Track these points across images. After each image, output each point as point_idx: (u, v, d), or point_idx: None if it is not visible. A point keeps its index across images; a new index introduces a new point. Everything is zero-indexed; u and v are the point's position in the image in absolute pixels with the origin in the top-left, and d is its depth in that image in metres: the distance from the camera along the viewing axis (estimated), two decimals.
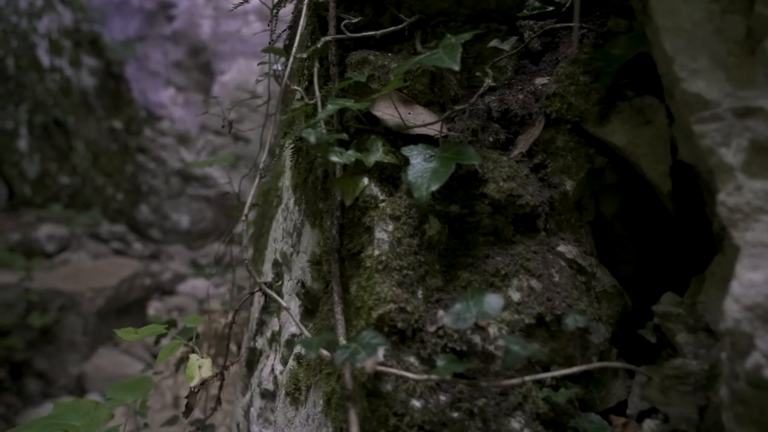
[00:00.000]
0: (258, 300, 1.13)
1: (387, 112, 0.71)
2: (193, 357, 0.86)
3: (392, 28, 0.75)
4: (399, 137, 0.71)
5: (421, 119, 0.72)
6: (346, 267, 0.69)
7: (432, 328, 0.60)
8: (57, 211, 7.28)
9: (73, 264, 6.04)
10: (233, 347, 2.34)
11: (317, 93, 0.69)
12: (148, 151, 9.28)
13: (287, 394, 0.85)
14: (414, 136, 0.70)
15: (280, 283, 1.04)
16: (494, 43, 0.76)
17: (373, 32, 0.74)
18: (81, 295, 5.33)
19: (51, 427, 0.91)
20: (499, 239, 0.67)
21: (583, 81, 0.69)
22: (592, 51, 0.73)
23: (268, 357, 1.04)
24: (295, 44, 0.71)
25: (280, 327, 1.00)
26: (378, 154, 0.66)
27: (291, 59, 0.70)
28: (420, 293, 0.62)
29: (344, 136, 0.65)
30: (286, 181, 1.08)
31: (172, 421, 1.51)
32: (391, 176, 0.69)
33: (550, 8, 0.78)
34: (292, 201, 0.98)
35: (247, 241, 1.72)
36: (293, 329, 0.91)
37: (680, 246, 0.75)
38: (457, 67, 0.59)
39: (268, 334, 1.05)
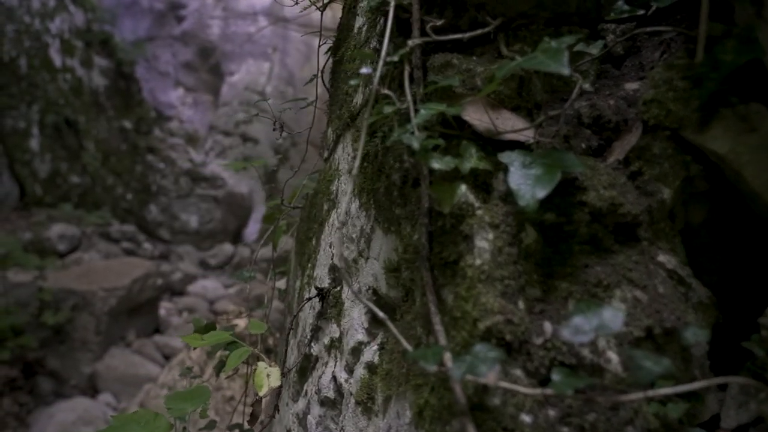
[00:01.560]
0: (311, 305, 1.11)
1: (476, 116, 0.69)
2: (261, 365, 0.84)
3: (480, 31, 0.73)
4: (488, 142, 0.70)
5: (510, 124, 0.70)
6: (436, 275, 0.67)
7: (538, 341, 0.58)
8: (67, 210, 7.28)
9: (85, 263, 6.04)
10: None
11: (408, 97, 0.67)
12: (158, 151, 9.30)
13: (358, 403, 0.84)
14: (504, 142, 0.69)
15: (338, 288, 1.02)
16: (580, 46, 0.75)
17: (460, 35, 0.73)
18: (93, 295, 5.33)
19: None
20: (597, 248, 0.65)
21: (681, 87, 0.67)
22: (685, 55, 0.71)
23: (326, 364, 1.02)
24: (384, 47, 0.69)
25: (341, 334, 0.98)
26: (472, 160, 0.65)
27: (381, 62, 0.68)
28: (521, 304, 0.61)
29: (441, 142, 0.63)
30: (343, 185, 1.06)
31: (210, 426, 1.50)
32: (484, 183, 0.67)
33: (641, 12, 0.77)
34: (354, 206, 0.96)
35: (281, 245, 1.70)
36: (360, 336, 0.89)
37: None
38: (567, 72, 0.58)
39: (326, 340, 1.04)
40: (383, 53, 0.68)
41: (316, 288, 1.05)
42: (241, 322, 3.87)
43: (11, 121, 7.01)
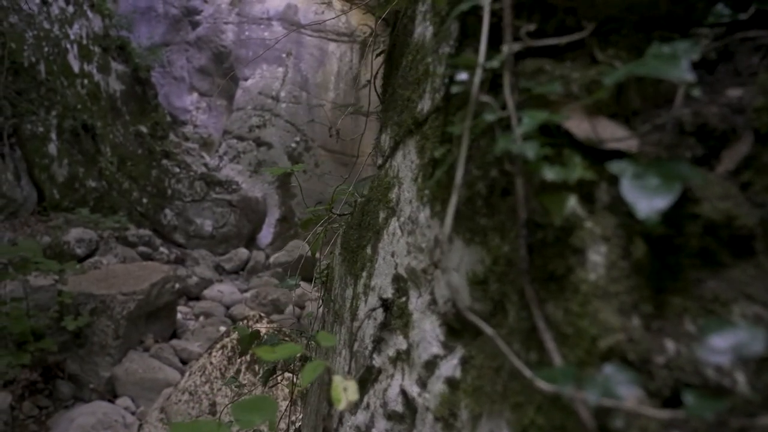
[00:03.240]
0: (373, 315, 1.09)
1: (575, 124, 0.67)
2: (337, 378, 0.82)
3: (577, 36, 0.71)
4: (587, 151, 0.67)
5: (609, 132, 0.68)
6: (537, 289, 0.65)
7: (660, 360, 0.55)
8: (85, 214, 7.32)
9: (104, 268, 6.06)
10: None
11: (510, 104, 0.65)
12: (173, 156, 9.34)
13: (437, 419, 0.81)
14: (605, 151, 0.66)
15: (404, 299, 1.00)
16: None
17: (556, 40, 0.70)
18: (113, 299, 5.34)
19: None
20: (708, 262, 0.62)
21: None
22: None
23: (391, 376, 1.00)
24: (482, 52, 0.67)
25: (409, 346, 0.96)
26: (578, 169, 0.62)
27: (479, 69, 0.66)
28: (636, 321, 0.58)
29: (551, 151, 0.61)
30: (405, 193, 1.04)
31: None
32: (587, 193, 0.64)
33: (742, 16, 0.74)
34: (423, 215, 0.94)
35: (324, 253, 1.68)
36: (435, 350, 0.87)
37: None
38: (691, 79, 0.55)
39: (390, 352, 1.01)
40: (480, 60, 0.66)
41: (381, 299, 1.03)
42: (263, 329, 3.85)
43: (30, 126, 7.07)
